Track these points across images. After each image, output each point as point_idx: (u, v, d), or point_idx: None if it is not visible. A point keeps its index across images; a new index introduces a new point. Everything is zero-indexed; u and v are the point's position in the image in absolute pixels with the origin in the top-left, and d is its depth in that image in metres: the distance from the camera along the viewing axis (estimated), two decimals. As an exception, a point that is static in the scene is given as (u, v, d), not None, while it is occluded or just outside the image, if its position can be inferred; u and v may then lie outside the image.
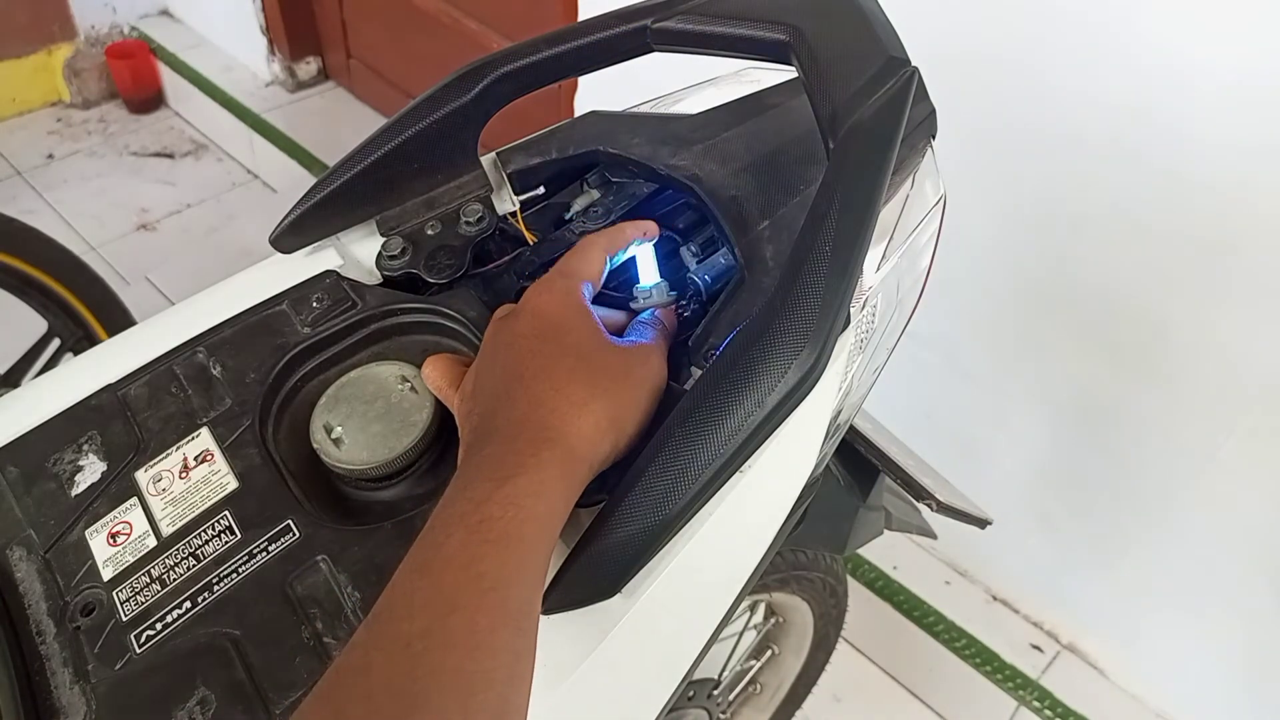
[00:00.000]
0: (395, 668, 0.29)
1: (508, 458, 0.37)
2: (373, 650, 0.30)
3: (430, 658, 0.29)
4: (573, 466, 0.38)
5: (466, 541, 0.33)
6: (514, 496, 0.35)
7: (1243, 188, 0.98)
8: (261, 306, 0.52)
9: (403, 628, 0.30)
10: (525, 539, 0.34)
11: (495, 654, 0.31)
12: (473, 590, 0.32)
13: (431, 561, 0.33)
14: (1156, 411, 1.18)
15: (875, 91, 0.46)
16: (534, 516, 0.35)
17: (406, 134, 0.53)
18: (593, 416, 0.40)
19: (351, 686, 0.29)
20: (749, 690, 1.11)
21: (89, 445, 0.46)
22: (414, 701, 0.28)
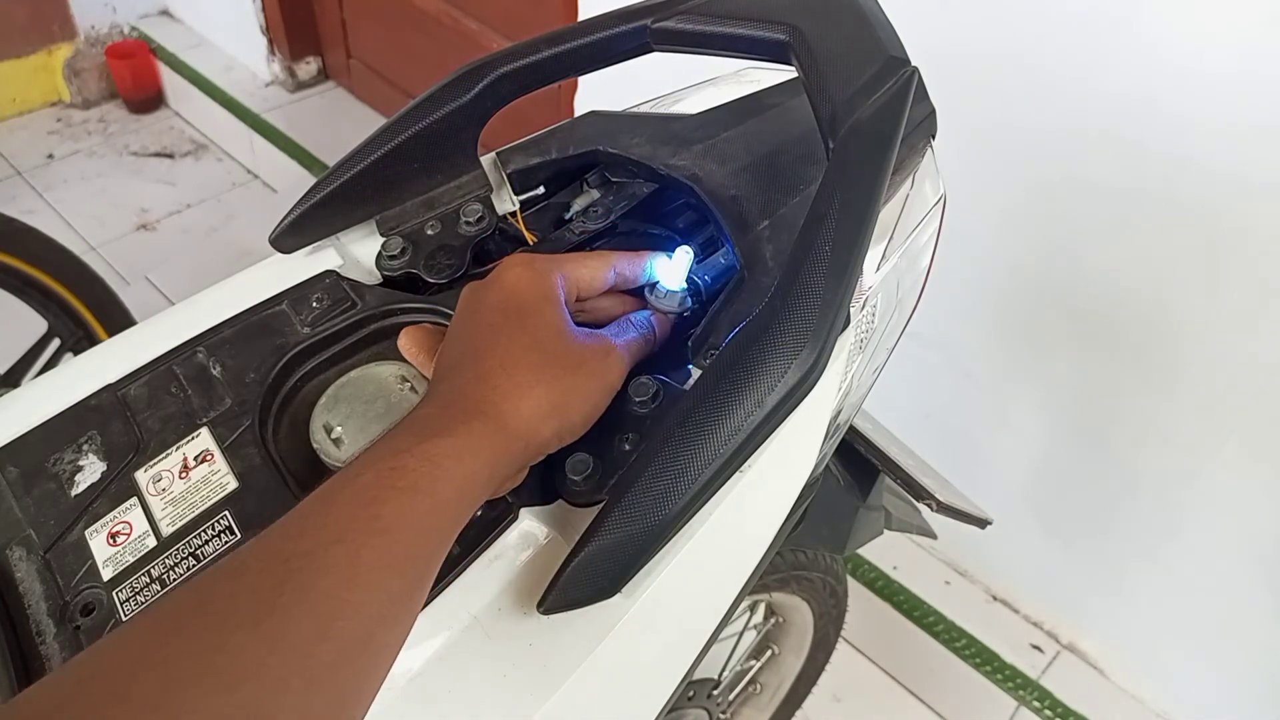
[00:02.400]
0: (267, 577, 0.30)
1: (438, 419, 0.37)
2: (250, 557, 0.31)
3: (302, 577, 0.30)
4: (505, 443, 0.38)
5: (373, 483, 0.34)
6: (433, 454, 0.35)
7: (1244, 188, 0.98)
8: (261, 306, 0.52)
9: (286, 545, 0.31)
10: (435, 495, 0.34)
11: (371, 590, 0.31)
12: (364, 528, 0.32)
13: (334, 494, 0.33)
14: (1157, 411, 1.18)
15: (875, 91, 0.46)
16: (450, 477, 0.35)
17: (406, 134, 0.53)
18: (535, 400, 0.40)
19: (221, 583, 0.30)
20: (749, 690, 1.11)
21: (89, 445, 0.46)
22: (273, 610, 0.28)
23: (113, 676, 0.26)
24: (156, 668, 0.27)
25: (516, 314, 0.44)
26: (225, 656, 0.27)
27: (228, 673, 0.27)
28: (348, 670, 0.30)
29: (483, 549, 0.42)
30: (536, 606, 0.40)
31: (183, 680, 0.26)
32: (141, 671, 0.26)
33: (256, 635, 0.28)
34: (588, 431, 0.45)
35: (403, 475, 0.34)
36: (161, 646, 0.27)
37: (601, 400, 0.44)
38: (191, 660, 0.27)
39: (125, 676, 0.26)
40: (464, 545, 0.42)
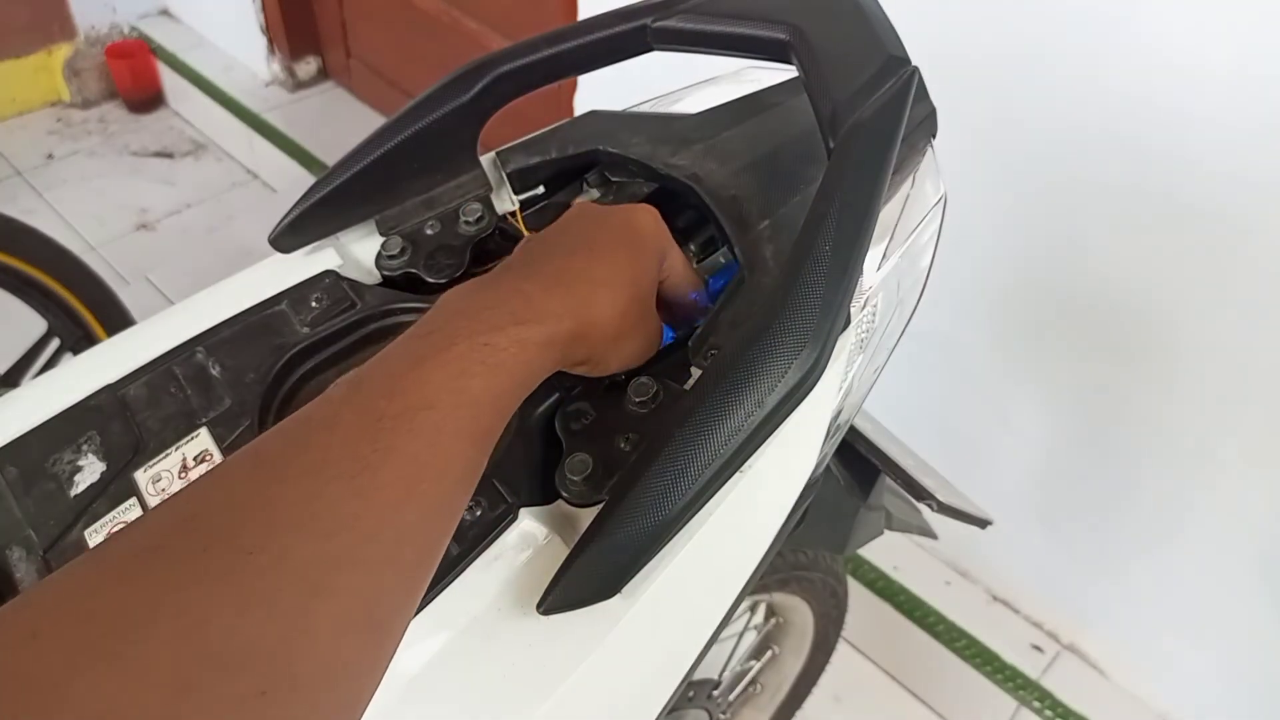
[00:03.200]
0: (360, 432, 0.31)
1: (536, 304, 0.39)
2: (346, 410, 0.32)
3: (394, 438, 0.31)
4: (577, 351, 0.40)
5: (465, 355, 0.35)
6: (523, 338, 0.37)
7: (1245, 187, 0.98)
8: (261, 306, 0.52)
9: (379, 403, 0.32)
10: (514, 376, 0.36)
11: (452, 458, 0.32)
12: (453, 399, 0.33)
13: (427, 359, 0.34)
14: (1158, 411, 1.18)
15: (875, 91, 0.46)
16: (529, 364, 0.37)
17: (406, 133, 0.53)
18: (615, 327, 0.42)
19: (317, 433, 0.31)
20: (749, 690, 1.11)
21: (88, 445, 0.46)
22: (366, 466, 0.30)
23: (217, 515, 0.27)
24: (259, 511, 0.28)
25: (635, 246, 0.45)
26: (323, 505, 0.28)
27: (325, 520, 0.28)
28: (429, 528, 0.31)
29: (483, 549, 0.42)
30: (536, 607, 0.40)
31: (285, 525, 0.27)
32: (244, 514, 0.27)
33: (351, 488, 0.29)
34: (587, 432, 0.45)
35: (494, 353, 0.35)
36: (263, 490, 0.29)
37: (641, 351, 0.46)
38: (291, 506, 0.28)
39: (228, 514, 0.27)
40: (464, 545, 0.42)
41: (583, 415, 0.46)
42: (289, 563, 0.27)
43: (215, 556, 0.26)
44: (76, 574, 0.26)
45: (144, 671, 0.23)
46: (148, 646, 0.24)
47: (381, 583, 0.29)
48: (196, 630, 0.24)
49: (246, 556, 0.26)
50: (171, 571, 0.26)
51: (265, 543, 0.27)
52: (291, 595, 0.26)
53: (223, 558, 0.26)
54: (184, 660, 0.24)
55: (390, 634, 0.30)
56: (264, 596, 0.26)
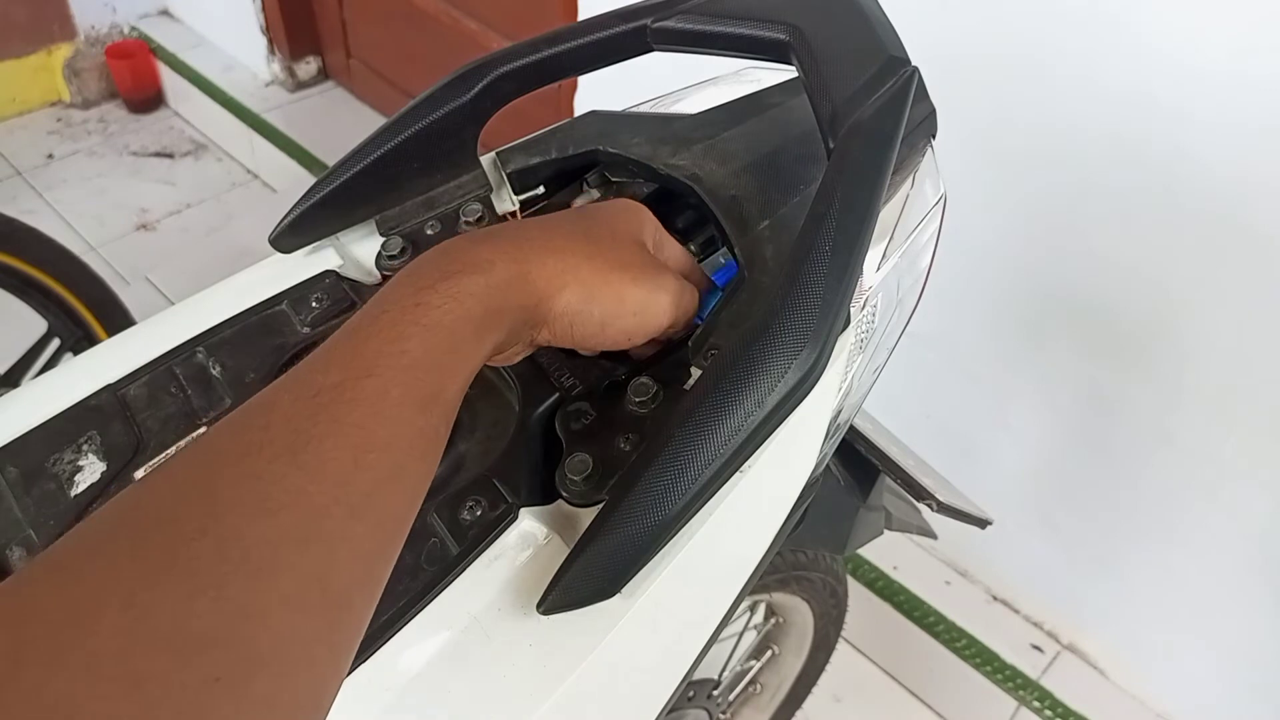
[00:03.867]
0: (299, 408, 0.30)
1: (462, 255, 0.38)
2: (282, 392, 0.31)
3: (335, 409, 0.30)
4: (523, 291, 0.39)
5: (398, 319, 0.34)
6: (454, 292, 0.36)
7: (1245, 186, 0.98)
8: (261, 306, 0.52)
9: (316, 378, 0.31)
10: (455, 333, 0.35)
11: (400, 424, 0.31)
12: (392, 363, 0.32)
13: (360, 329, 0.34)
14: (1157, 411, 1.18)
15: (875, 91, 0.46)
16: (470, 316, 0.36)
17: (406, 133, 0.53)
18: (563, 265, 0.40)
19: (255, 416, 0.30)
20: (749, 690, 1.11)
21: (89, 445, 0.46)
22: (309, 440, 0.29)
23: (160, 504, 0.27)
24: (202, 495, 0.27)
25: (587, 213, 0.44)
26: (265, 483, 0.28)
27: (270, 499, 0.27)
28: (383, 500, 0.30)
29: (483, 549, 0.42)
30: (536, 607, 0.40)
31: (227, 506, 0.27)
32: (187, 499, 0.27)
33: (295, 464, 0.29)
34: (587, 432, 0.45)
35: (426, 312, 0.34)
36: (205, 475, 0.28)
37: (635, 309, 0.43)
38: (233, 488, 0.28)
39: (172, 503, 0.27)
40: (464, 545, 0.42)
41: (583, 415, 0.46)
42: (234, 544, 0.26)
43: (158, 545, 0.26)
44: (21, 577, 0.25)
45: (92, 666, 0.23)
46: (95, 640, 0.23)
47: (335, 558, 0.28)
48: (143, 620, 0.24)
49: (190, 542, 0.26)
50: (115, 565, 0.25)
51: (209, 525, 0.26)
52: (239, 577, 0.26)
53: (166, 545, 0.26)
54: (133, 651, 0.23)
55: (350, 610, 0.29)
56: (211, 580, 0.25)
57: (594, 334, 0.42)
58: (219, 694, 0.24)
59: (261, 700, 0.25)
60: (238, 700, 0.24)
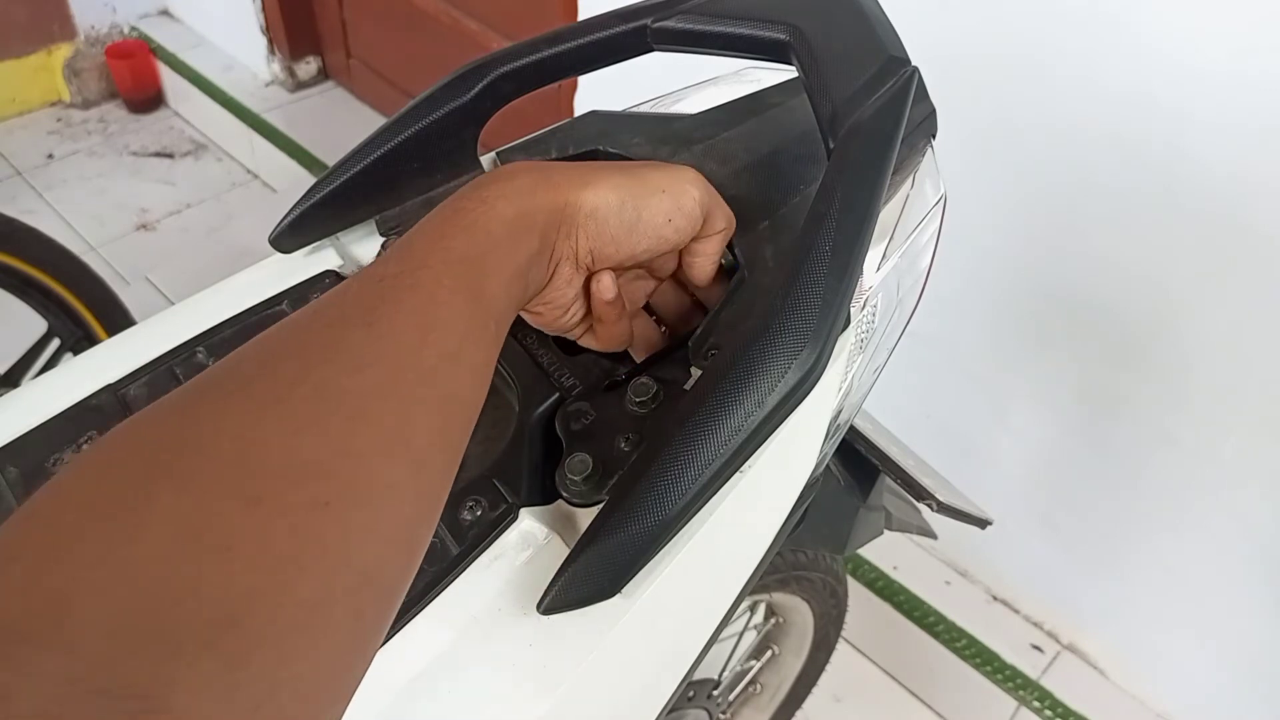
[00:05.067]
0: (367, 292, 0.34)
1: (494, 175, 0.42)
2: (351, 281, 0.35)
3: (398, 293, 0.34)
4: (550, 193, 0.42)
5: (441, 223, 0.39)
6: (485, 196, 0.40)
7: (1244, 186, 0.98)
8: (261, 307, 0.52)
9: (379, 269, 0.35)
10: (490, 232, 0.39)
11: (453, 309, 0.35)
12: (441, 258, 0.36)
13: (412, 235, 0.38)
14: (1157, 411, 1.18)
15: (875, 91, 0.46)
16: (502, 217, 0.39)
17: (406, 133, 0.53)
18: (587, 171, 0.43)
19: (331, 298, 0.34)
20: (749, 690, 1.11)
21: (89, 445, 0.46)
22: (378, 316, 0.32)
23: (257, 360, 0.30)
24: (294, 354, 0.30)
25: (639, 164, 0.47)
26: (348, 346, 0.31)
27: (353, 357, 0.31)
28: (447, 375, 0.33)
29: (483, 549, 0.42)
30: (536, 607, 0.40)
31: (318, 361, 0.30)
32: (280, 357, 0.30)
33: (370, 334, 0.32)
34: (587, 432, 0.45)
35: (465, 215, 0.39)
36: (292, 339, 0.31)
37: (663, 186, 0.45)
38: (321, 349, 0.31)
39: (268, 359, 0.30)
40: (464, 545, 0.42)
41: (583, 415, 0.46)
42: (329, 391, 0.29)
43: (263, 389, 0.28)
44: (141, 415, 0.28)
45: (215, 487, 0.25)
46: (216, 465, 0.26)
47: (412, 415, 0.31)
48: (256, 449, 0.26)
49: (290, 387, 0.29)
50: (225, 403, 0.28)
51: (304, 375, 0.29)
52: (337, 420, 0.28)
53: (269, 389, 0.28)
54: (249, 475, 0.26)
55: (429, 466, 0.31)
56: (312, 420, 0.28)
57: (629, 229, 0.44)
58: (327, 517, 0.26)
59: (364, 528, 0.27)
60: (343, 525, 0.27)
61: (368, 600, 0.27)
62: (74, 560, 0.23)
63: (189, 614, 0.23)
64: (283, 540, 0.25)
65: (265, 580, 0.24)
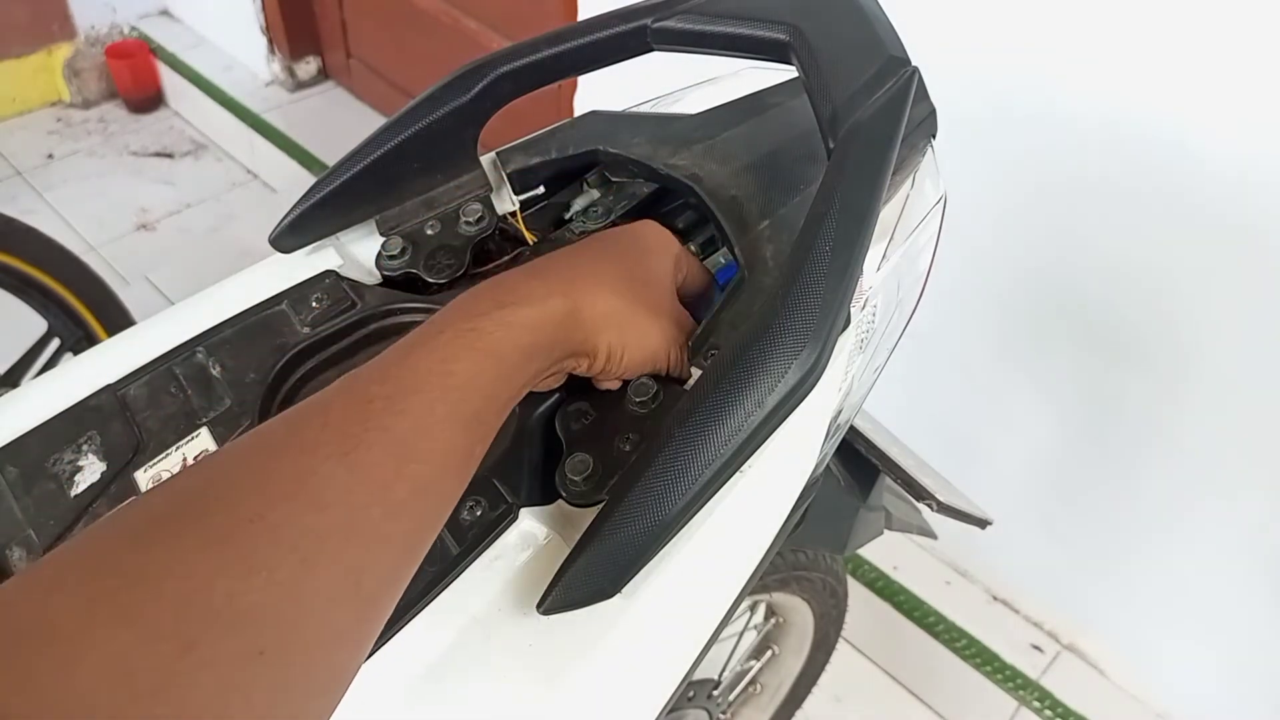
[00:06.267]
0: (351, 414, 0.32)
1: (520, 287, 0.40)
2: (336, 396, 0.34)
3: (384, 419, 0.32)
4: (571, 329, 0.41)
5: (451, 341, 0.36)
6: (509, 320, 0.38)
7: (1247, 188, 0.98)
8: (261, 306, 0.52)
9: (370, 388, 0.34)
10: (504, 360, 0.37)
11: (440, 440, 0.33)
12: (440, 383, 0.34)
13: (415, 348, 0.36)
14: (1158, 411, 1.18)
15: (875, 91, 0.46)
16: (519, 345, 0.38)
17: (406, 133, 0.53)
18: (609, 305, 0.43)
19: (312, 416, 0.33)
20: (749, 690, 1.11)
21: (89, 445, 0.46)
22: (357, 444, 0.31)
23: (220, 487, 0.29)
24: (257, 485, 0.29)
25: (629, 245, 0.48)
26: (317, 480, 0.30)
27: (319, 493, 0.30)
28: (418, 509, 0.32)
29: (483, 549, 0.42)
30: (536, 607, 0.40)
31: (281, 496, 0.29)
32: (244, 487, 0.29)
33: (343, 465, 0.31)
34: (587, 432, 0.45)
35: (479, 337, 0.37)
36: (261, 466, 0.30)
37: (655, 358, 0.46)
38: (287, 481, 0.30)
39: (230, 487, 0.29)
40: (464, 545, 0.42)
41: (583, 415, 0.46)
42: (285, 532, 0.28)
43: (218, 524, 0.28)
44: (94, 535, 0.28)
45: (154, 627, 0.25)
46: (158, 604, 0.25)
47: (370, 557, 0.30)
48: (201, 591, 0.26)
49: (247, 524, 0.28)
50: (180, 537, 0.27)
51: (264, 511, 0.28)
52: (288, 564, 0.28)
53: (225, 525, 0.28)
54: (189, 619, 0.25)
55: (377, 608, 0.31)
56: (263, 563, 0.27)
57: (619, 372, 0.45)
58: (262, 665, 0.26)
59: (297, 676, 0.27)
60: (276, 673, 0.26)
61: None
62: (6, 681, 0.23)
63: None
64: (209, 690, 0.25)
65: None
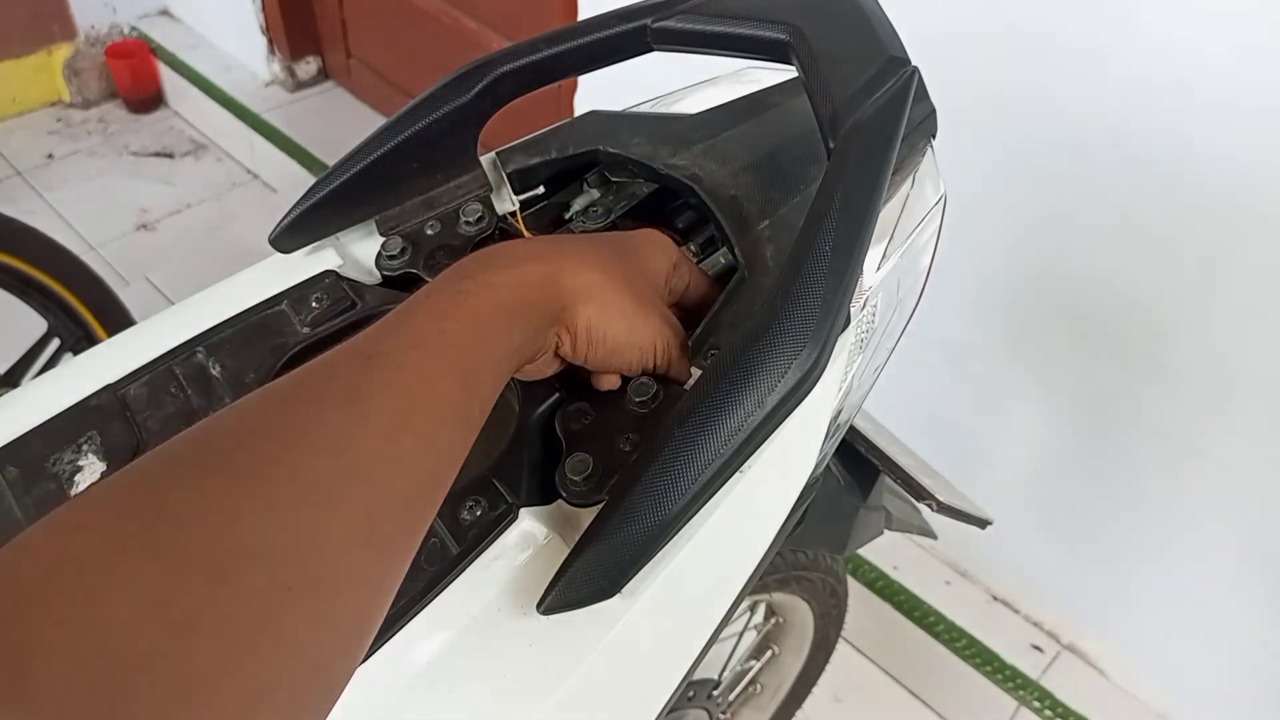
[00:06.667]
0: (354, 368, 0.34)
1: (503, 255, 0.42)
2: (340, 354, 0.35)
3: (385, 372, 0.33)
4: (554, 294, 0.42)
5: (441, 303, 0.38)
6: (492, 282, 0.39)
7: (1243, 186, 0.98)
8: (261, 306, 0.52)
9: (369, 345, 0.35)
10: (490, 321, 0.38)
11: (440, 394, 0.35)
12: (435, 341, 0.36)
13: (410, 309, 0.38)
14: (1157, 411, 1.18)
15: (875, 91, 0.46)
16: (504, 306, 0.39)
17: (406, 133, 0.53)
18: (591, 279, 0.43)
19: (318, 370, 0.34)
20: (749, 690, 1.11)
21: (89, 445, 0.46)
22: (362, 395, 0.32)
23: (237, 433, 0.30)
24: (273, 430, 0.30)
25: (622, 241, 0.48)
26: (327, 427, 0.31)
27: (331, 439, 0.30)
28: (423, 460, 0.33)
29: (483, 549, 0.42)
30: (536, 607, 0.40)
31: (294, 441, 0.30)
32: (259, 433, 0.30)
33: (351, 414, 0.32)
34: (587, 432, 0.45)
35: (467, 298, 0.38)
36: (274, 415, 0.31)
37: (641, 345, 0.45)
38: (300, 427, 0.30)
39: (247, 433, 0.30)
40: (464, 545, 0.42)
41: (583, 415, 0.46)
42: (303, 473, 0.29)
43: (237, 466, 0.28)
44: (116, 480, 0.28)
45: (184, 560, 0.25)
46: (187, 538, 0.26)
47: (380, 503, 0.31)
48: (229, 526, 0.26)
49: (265, 465, 0.29)
50: (203, 475, 0.28)
51: (281, 454, 0.29)
52: (307, 504, 0.28)
53: (244, 467, 0.28)
54: (219, 552, 0.26)
55: (392, 555, 0.31)
56: (284, 501, 0.28)
57: (605, 356, 0.44)
58: (289, 601, 0.26)
59: (322, 615, 0.27)
60: (301, 610, 0.27)
61: (312, 689, 0.27)
62: (38, 616, 0.23)
63: (144, 687, 0.23)
64: (243, 622, 0.25)
65: (221, 662, 0.24)
